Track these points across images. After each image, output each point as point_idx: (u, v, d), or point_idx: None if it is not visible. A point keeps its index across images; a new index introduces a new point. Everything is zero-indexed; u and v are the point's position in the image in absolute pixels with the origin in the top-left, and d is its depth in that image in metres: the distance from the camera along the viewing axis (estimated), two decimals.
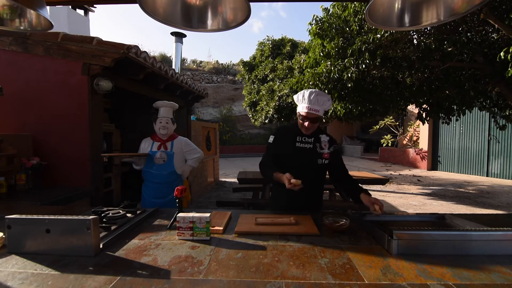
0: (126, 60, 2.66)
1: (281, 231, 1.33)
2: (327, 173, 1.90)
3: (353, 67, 3.35)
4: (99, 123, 2.68)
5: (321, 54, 3.82)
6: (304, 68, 5.19)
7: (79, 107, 2.54)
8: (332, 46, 3.59)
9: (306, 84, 4.09)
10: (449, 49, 3.04)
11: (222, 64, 21.39)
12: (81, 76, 2.55)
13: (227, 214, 1.58)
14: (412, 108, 11.35)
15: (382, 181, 4.19)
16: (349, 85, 3.42)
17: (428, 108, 4.80)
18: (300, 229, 1.35)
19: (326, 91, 3.81)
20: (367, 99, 3.89)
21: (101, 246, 1.11)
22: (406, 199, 6.04)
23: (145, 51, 2.81)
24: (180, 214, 1.28)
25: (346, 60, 3.40)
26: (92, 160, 2.54)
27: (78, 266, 0.97)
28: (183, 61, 21.10)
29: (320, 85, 3.78)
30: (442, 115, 4.96)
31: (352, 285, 0.86)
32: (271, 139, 1.82)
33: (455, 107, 4.81)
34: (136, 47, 2.65)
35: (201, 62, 21.65)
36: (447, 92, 3.84)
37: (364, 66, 3.19)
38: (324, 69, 3.68)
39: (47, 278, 0.88)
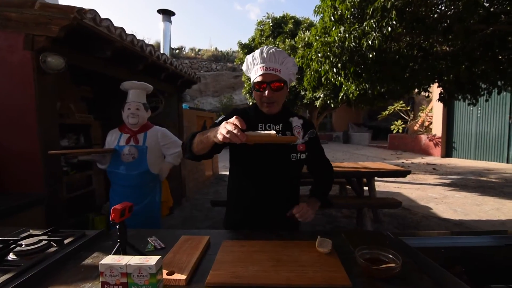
0: (82, 30, 2.08)
1: (285, 282, 0.77)
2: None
3: (374, 32, 2.68)
4: (52, 110, 2.13)
5: (332, 18, 3.13)
6: (309, 43, 4.52)
7: (23, 91, 1.98)
8: (347, 5, 2.88)
9: (314, 57, 3.40)
10: (495, 6, 2.38)
11: (221, 51, 20.52)
12: (23, 51, 1.97)
13: (203, 242, 1.03)
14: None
15: (403, 173, 3.60)
16: (370, 55, 2.74)
17: (453, 87, 4.13)
18: (317, 278, 0.79)
19: (340, 65, 3.13)
20: (389, 75, 3.21)
21: None
22: (424, 191, 5.46)
23: (108, 19, 2.21)
24: (106, 260, 0.73)
25: (365, 23, 2.72)
26: (44, 157, 2.00)
27: None
28: (180, 49, 20.32)
29: (331, 57, 3.09)
30: (468, 95, 4.30)
31: None
32: (219, 119, 1.20)
33: (483, 86, 4.14)
34: (94, 11, 2.05)
35: (199, 50, 20.82)
36: (482, 67, 3.18)
37: (389, 29, 2.53)
38: (336, 37, 3.01)
39: None
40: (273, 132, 0.92)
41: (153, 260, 0.71)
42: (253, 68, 1.16)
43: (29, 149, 2.01)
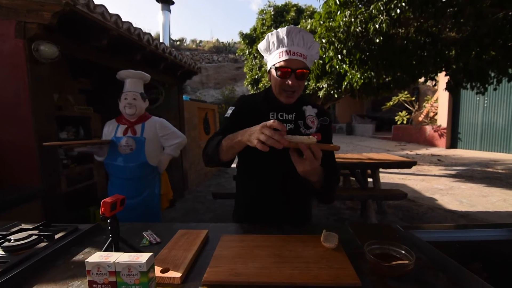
0: (76, 17, 1.99)
1: (288, 280, 0.71)
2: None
3: (382, 15, 2.55)
4: (47, 101, 2.06)
5: (337, 2, 2.97)
6: (312, 30, 4.35)
7: (16, 81, 1.91)
8: None
9: (318, 43, 3.28)
10: None
11: (222, 42, 20.22)
12: (15, 40, 1.90)
13: (200, 236, 0.97)
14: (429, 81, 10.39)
15: (408, 164, 3.51)
16: (377, 40, 2.61)
17: (461, 76, 4.00)
18: (322, 276, 0.73)
19: (345, 51, 3.01)
20: (396, 62, 3.07)
21: None
22: (429, 182, 5.38)
23: (103, 5, 2.12)
24: (93, 258, 0.67)
25: (372, 6, 2.57)
26: (40, 150, 1.95)
27: None
28: (181, 41, 20.07)
29: (336, 43, 2.97)
30: (477, 84, 4.16)
31: None
32: (229, 111, 1.15)
33: (493, 74, 4.00)
34: None
35: (200, 41, 20.53)
36: (492, 53, 3.05)
37: (398, 11, 2.40)
38: (341, 22, 2.87)
39: None
40: (314, 138, 0.83)
41: (143, 257, 0.66)
42: (276, 50, 1.02)
43: (24, 142, 1.96)
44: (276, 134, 0.77)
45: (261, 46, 1.09)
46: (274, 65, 1.02)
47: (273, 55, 1.03)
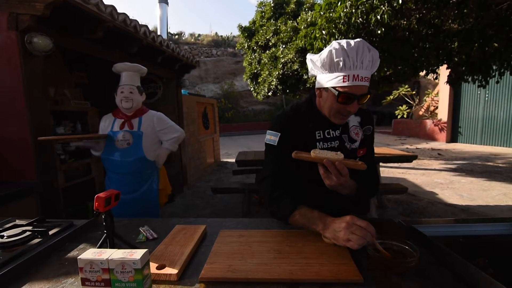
0: (70, 8, 1.94)
1: (287, 276, 0.69)
2: None
3: (383, 6, 2.49)
4: (42, 95, 2.02)
5: None
6: (313, 22, 4.27)
7: (9, 75, 1.87)
8: None
9: (318, 35, 3.21)
10: None
11: (221, 36, 19.98)
12: (7, 32, 1.85)
13: (198, 232, 0.95)
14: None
15: (409, 158, 3.50)
16: (379, 31, 2.57)
17: (464, 68, 3.94)
18: (323, 271, 0.70)
19: None
20: (397, 54, 3.02)
21: None
22: (429, 176, 5.37)
23: None
24: (86, 255, 0.64)
25: None
26: (36, 145, 1.92)
27: None
28: (180, 34, 19.87)
29: (337, 35, 2.92)
30: (478, 77, 4.11)
31: None
32: (273, 137, 1.03)
33: (494, 67, 3.94)
34: None
35: (199, 35, 20.29)
36: (495, 45, 3.00)
37: (400, 1, 2.34)
38: (341, 13, 2.81)
39: None
40: (341, 155, 0.84)
41: (138, 254, 0.63)
42: (340, 72, 0.89)
43: (20, 136, 1.93)
44: (363, 231, 0.74)
45: (317, 60, 0.95)
46: (335, 88, 0.91)
47: (334, 76, 0.91)
